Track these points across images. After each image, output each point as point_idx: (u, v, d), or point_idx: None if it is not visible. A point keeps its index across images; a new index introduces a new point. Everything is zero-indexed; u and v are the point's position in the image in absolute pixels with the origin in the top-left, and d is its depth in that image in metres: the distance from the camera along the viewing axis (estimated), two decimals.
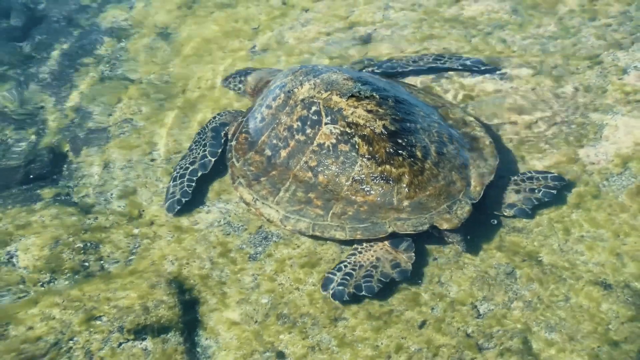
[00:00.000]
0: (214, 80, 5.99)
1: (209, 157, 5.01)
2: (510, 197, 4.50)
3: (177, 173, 4.99)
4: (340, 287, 4.07)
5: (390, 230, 4.22)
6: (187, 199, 4.83)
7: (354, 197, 4.38)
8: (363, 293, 4.03)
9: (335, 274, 4.17)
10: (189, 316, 4.18)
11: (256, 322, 4.09)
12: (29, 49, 6.34)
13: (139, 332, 4.07)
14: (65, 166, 5.37)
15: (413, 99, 4.98)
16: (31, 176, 5.30)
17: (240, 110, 5.51)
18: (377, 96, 4.60)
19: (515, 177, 4.62)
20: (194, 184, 4.88)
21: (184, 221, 4.80)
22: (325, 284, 4.14)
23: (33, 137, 5.56)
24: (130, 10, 6.87)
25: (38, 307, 4.22)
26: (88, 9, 6.77)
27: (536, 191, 4.49)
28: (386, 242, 4.31)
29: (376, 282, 4.08)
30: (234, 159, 4.91)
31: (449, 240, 4.34)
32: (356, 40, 6.01)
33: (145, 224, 4.82)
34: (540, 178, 4.58)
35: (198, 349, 4.03)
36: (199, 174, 4.94)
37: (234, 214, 4.79)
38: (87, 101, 5.85)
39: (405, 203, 4.31)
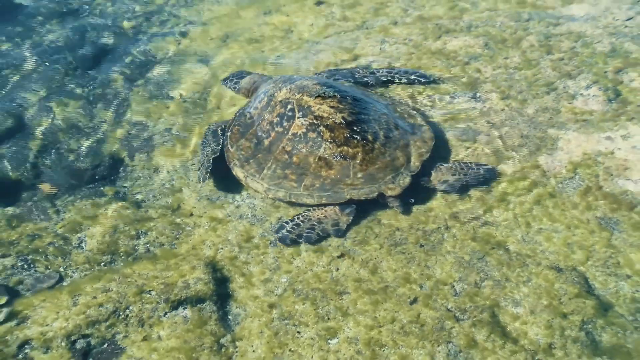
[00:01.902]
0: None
1: (216, 148, 5.16)
2: (448, 177, 4.67)
3: (200, 164, 5.12)
4: (287, 233, 4.41)
5: (347, 197, 4.50)
6: (210, 169, 5.01)
7: (320, 173, 4.61)
8: (301, 241, 4.36)
9: (288, 223, 4.52)
10: (221, 290, 4.20)
11: (276, 295, 4.11)
12: (96, 74, 6.34)
13: (181, 303, 4.10)
14: (122, 169, 5.39)
15: (368, 98, 5.18)
16: (96, 177, 5.32)
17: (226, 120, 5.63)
18: (338, 95, 4.84)
19: (457, 163, 4.79)
20: (211, 165, 5.03)
21: (218, 213, 4.81)
22: (278, 229, 4.49)
23: (98, 146, 5.57)
24: (176, 43, 6.87)
25: (101, 282, 4.25)
26: (140, 41, 6.77)
27: (467, 175, 4.67)
28: (336, 206, 4.59)
29: (315, 234, 4.41)
30: (229, 145, 5.10)
31: (391, 204, 4.59)
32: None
33: (186, 215, 4.83)
34: (475, 167, 4.74)
35: (229, 317, 4.05)
36: (212, 157, 5.09)
37: (258, 208, 4.80)
38: (140, 116, 5.87)
39: (359, 175, 4.56)
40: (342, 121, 4.69)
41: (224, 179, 5.05)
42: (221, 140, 5.20)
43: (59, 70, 6.46)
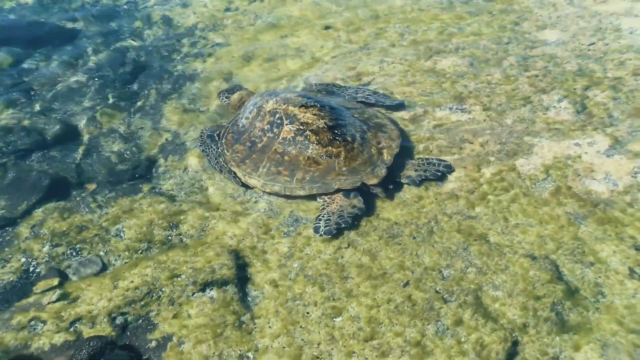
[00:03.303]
0: None
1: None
2: (411, 172, 4.76)
3: (213, 163, 5.28)
4: (327, 228, 4.37)
5: (336, 186, 4.61)
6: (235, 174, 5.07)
7: (309, 168, 4.68)
8: (342, 226, 4.37)
9: (319, 222, 4.45)
10: (242, 275, 4.21)
11: (290, 279, 4.12)
12: (135, 88, 6.38)
13: (207, 285, 4.11)
14: (157, 169, 5.41)
15: (343, 107, 5.23)
16: (135, 176, 5.34)
17: (219, 124, 5.77)
18: (318, 105, 4.93)
19: (420, 160, 4.90)
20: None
21: (239, 208, 4.81)
22: (315, 230, 4.41)
23: (136, 150, 5.59)
24: (203, 61, 6.89)
25: (137, 268, 4.27)
26: (175, 60, 6.80)
27: (427, 171, 4.75)
28: (341, 196, 4.63)
29: (346, 218, 4.41)
30: (225, 150, 5.19)
31: (373, 191, 4.68)
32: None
33: (213, 209, 4.83)
34: (436, 163, 4.82)
35: (248, 298, 4.06)
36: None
37: (274, 204, 4.80)
38: (173, 124, 5.88)
39: (344, 169, 4.64)
40: (325, 126, 4.80)
41: None
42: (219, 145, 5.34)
43: (103, 85, 6.48)
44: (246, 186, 4.98)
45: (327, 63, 6.40)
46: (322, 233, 4.36)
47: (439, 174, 4.76)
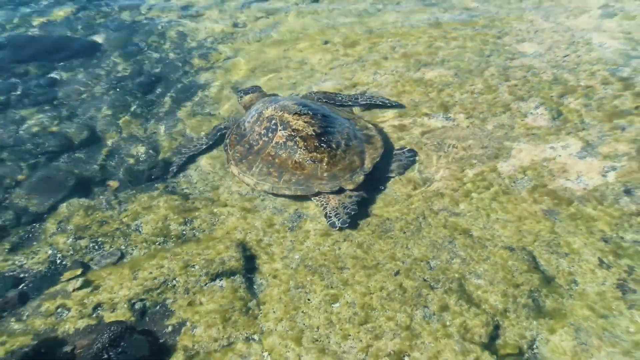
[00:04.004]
0: None
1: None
2: (393, 167, 4.90)
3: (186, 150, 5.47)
4: (341, 220, 4.40)
5: (316, 190, 4.60)
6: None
7: (295, 171, 4.68)
8: (352, 214, 4.44)
9: (331, 219, 4.45)
10: (249, 266, 4.21)
11: (292, 269, 4.12)
12: (151, 96, 6.37)
13: (218, 276, 4.12)
14: (172, 170, 5.37)
15: (334, 114, 5.23)
16: (152, 177, 5.32)
17: (234, 117, 5.85)
18: (311, 113, 4.92)
19: (395, 153, 5.05)
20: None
21: (247, 205, 4.81)
22: (332, 225, 4.42)
23: (153, 152, 5.59)
24: (214, 73, 6.89)
25: (155, 259, 4.27)
26: (189, 73, 6.80)
27: (402, 160, 4.91)
28: (334, 196, 4.62)
29: (351, 207, 4.48)
30: (227, 149, 5.21)
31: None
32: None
33: (222, 206, 4.83)
34: (406, 152, 5.02)
35: (254, 286, 4.07)
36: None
37: (279, 201, 4.80)
38: (185, 129, 5.88)
39: (325, 175, 4.63)
40: (313, 133, 4.78)
41: None
42: (215, 139, 5.51)
43: (123, 94, 6.49)
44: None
45: (326, 74, 6.40)
46: (340, 225, 4.38)
47: (411, 159, 4.95)
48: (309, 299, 3.87)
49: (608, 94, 5.41)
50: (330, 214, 4.48)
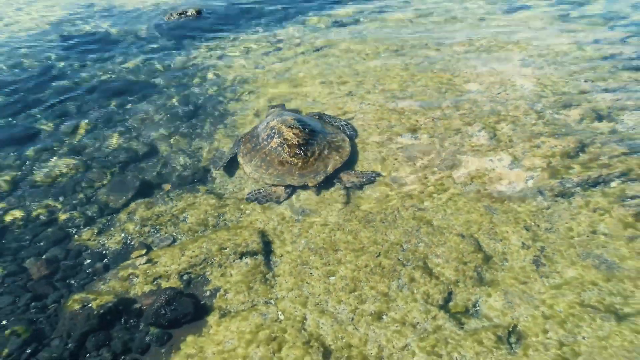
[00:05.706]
0: None
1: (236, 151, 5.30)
2: (353, 179, 4.71)
3: (230, 152, 5.33)
4: (250, 196, 4.67)
5: (288, 182, 4.62)
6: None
7: (278, 168, 4.70)
8: (256, 200, 4.65)
9: (254, 191, 4.72)
10: (267, 248, 4.20)
11: (298, 251, 4.11)
12: (195, 121, 6.35)
13: (244, 255, 4.11)
14: (210, 175, 5.35)
15: (321, 128, 5.15)
16: (195, 180, 5.27)
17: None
18: (300, 126, 4.88)
19: (358, 171, 4.82)
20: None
21: (266, 204, 4.78)
22: (248, 194, 4.69)
23: (196, 162, 5.56)
24: (241, 103, 6.86)
25: (197, 243, 4.25)
26: (222, 103, 6.77)
27: (364, 179, 4.72)
28: (282, 189, 4.69)
29: (265, 199, 4.66)
30: (241, 145, 5.24)
31: (312, 189, 4.63)
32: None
33: (247, 204, 4.79)
34: (370, 173, 4.79)
35: (271, 263, 4.06)
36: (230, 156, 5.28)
37: (289, 202, 4.76)
38: (220, 145, 5.85)
39: (297, 173, 4.64)
40: (297, 143, 4.78)
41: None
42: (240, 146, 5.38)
43: (174, 119, 6.47)
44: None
45: (324, 104, 6.38)
46: (247, 197, 4.67)
47: (373, 180, 4.73)
48: (311, 273, 3.86)
49: (528, 121, 5.41)
50: (260, 191, 4.70)
